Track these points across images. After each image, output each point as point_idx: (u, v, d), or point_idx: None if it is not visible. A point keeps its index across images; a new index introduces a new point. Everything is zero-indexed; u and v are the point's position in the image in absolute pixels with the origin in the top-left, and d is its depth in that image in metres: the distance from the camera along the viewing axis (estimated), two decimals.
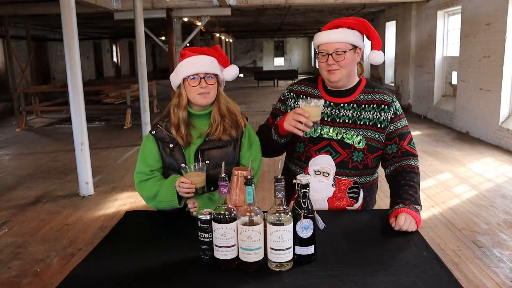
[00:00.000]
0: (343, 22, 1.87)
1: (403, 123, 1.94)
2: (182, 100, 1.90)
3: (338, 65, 1.84)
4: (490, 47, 7.40)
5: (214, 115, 1.92)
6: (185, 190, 1.75)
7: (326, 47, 1.86)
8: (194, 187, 1.75)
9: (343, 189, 1.93)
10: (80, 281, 1.41)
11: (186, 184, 1.75)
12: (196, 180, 1.76)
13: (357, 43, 1.87)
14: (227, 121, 1.92)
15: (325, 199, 1.94)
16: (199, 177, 1.76)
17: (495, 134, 7.35)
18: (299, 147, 1.96)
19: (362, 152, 1.90)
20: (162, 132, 1.93)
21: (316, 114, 1.74)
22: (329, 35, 1.86)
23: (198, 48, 1.96)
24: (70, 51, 5.05)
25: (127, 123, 10.27)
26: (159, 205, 1.89)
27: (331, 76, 1.86)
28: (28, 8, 9.78)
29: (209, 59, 1.90)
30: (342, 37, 1.84)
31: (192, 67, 1.87)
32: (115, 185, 5.69)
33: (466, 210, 4.49)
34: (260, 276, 1.39)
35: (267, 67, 32.01)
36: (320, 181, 1.93)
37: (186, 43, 10.77)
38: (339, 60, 1.84)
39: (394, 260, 1.48)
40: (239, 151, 1.95)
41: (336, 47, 1.84)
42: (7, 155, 7.67)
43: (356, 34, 1.87)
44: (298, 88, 2.03)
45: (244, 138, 1.96)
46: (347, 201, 1.95)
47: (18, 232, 4.25)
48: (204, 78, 1.86)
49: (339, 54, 1.84)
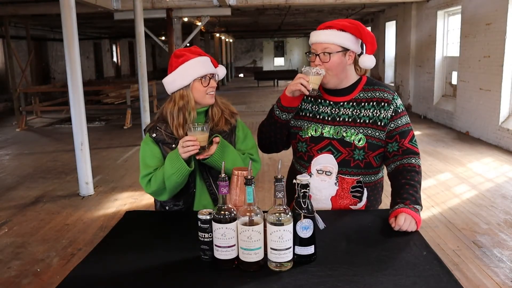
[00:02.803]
0: (336, 24, 1.87)
1: (404, 120, 1.92)
2: (191, 101, 1.89)
3: (324, 66, 1.85)
4: (490, 47, 7.40)
5: (214, 110, 1.97)
6: (191, 148, 1.76)
7: (315, 47, 1.88)
8: (199, 144, 1.77)
9: (346, 188, 1.92)
10: (80, 281, 1.41)
11: (190, 142, 1.76)
12: (200, 137, 1.78)
13: (348, 46, 1.86)
14: (226, 113, 2.00)
15: (328, 198, 1.94)
16: (203, 135, 1.79)
17: (495, 134, 7.35)
18: (301, 146, 1.96)
19: (363, 150, 1.89)
20: (162, 134, 1.93)
21: (316, 82, 1.80)
22: (319, 35, 1.88)
23: (192, 49, 1.98)
24: (70, 51, 5.05)
25: (127, 123, 10.27)
26: (170, 182, 1.84)
27: None
28: (28, 8, 9.79)
29: (208, 59, 1.96)
30: (331, 38, 1.85)
31: (204, 68, 1.90)
32: (115, 185, 5.69)
33: (466, 210, 4.49)
34: (260, 276, 1.39)
35: (267, 67, 32.01)
36: (322, 180, 1.93)
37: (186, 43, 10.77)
38: (324, 61, 1.85)
39: (394, 260, 1.48)
40: (235, 143, 2.00)
41: (324, 47, 1.85)
42: (7, 155, 7.67)
43: (348, 37, 1.85)
44: None
45: (238, 130, 2.03)
46: (351, 200, 1.94)
47: (18, 232, 4.25)
48: (213, 78, 1.93)
49: (325, 55, 1.85)
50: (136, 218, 1.96)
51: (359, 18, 16.54)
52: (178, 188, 1.89)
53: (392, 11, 12.56)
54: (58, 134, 9.53)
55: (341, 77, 1.90)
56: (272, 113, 1.98)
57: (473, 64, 8.05)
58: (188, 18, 10.94)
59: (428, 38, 10.19)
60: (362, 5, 11.61)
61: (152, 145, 1.94)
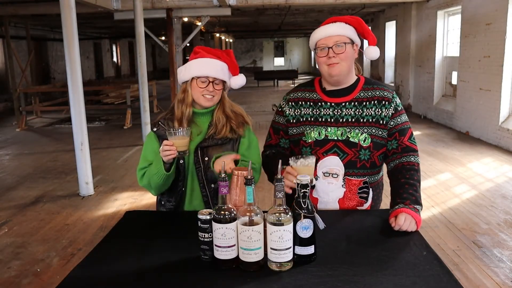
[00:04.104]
0: (340, 18, 1.89)
1: (403, 118, 1.93)
2: (188, 97, 1.93)
3: (339, 58, 1.84)
4: (490, 47, 7.40)
5: (218, 116, 1.95)
6: (167, 153, 1.76)
7: (325, 41, 1.86)
8: (175, 149, 1.77)
9: (353, 189, 1.92)
10: (80, 281, 1.41)
11: (167, 146, 1.76)
12: (178, 142, 1.77)
13: (354, 38, 1.89)
14: (233, 122, 1.95)
15: (336, 200, 1.93)
16: (182, 140, 1.78)
17: (495, 134, 7.35)
18: (305, 152, 1.94)
19: (368, 150, 1.89)
20: (163, 130, 1.95)
21: (309, 172, 1.67)
22: (327, 29, 1.87)
23: (213, 50, 1.97)
24: (70, 51, 5.05)
25: (127, 123, 10.27)
26: (153, 181, 1.88)
27: (332, 70, 1.85)
28: (28, 8, 9.78)
29: (221, 64, 1.92)
30: (341, 30, 1.86)
31: (203, 69, 1.90)
32: (115, 185, 5.69)
33: (466, 210, 4.49)
34: (260, 276, 1.39)
35: (267, 67, 32.01)
36: (329, 183, 1.91)
37: (186, 43, 10.78)
38: (339, 52, 1.84)
39: (394, 260, 1.48)
40: (238, 149, 1.97)
41: (336, 40, 1.84)
42: (7, 155, 7.67)
43: (353, 30, 1.89)
44: (294, 95, 2.01)
45: (243, 137, 1.98)
46: (358, 201, 1.94)
47: (18, 232, 4.25)
48: (213, 83, 1.90)
49: (340, 46, 1.84)
50: (136, 218, 1.96)
51: None
52: (163, 187, 1.92)
53: (392, 11, 12.56)
54: (58, 134, 9.53)
55: (351, 70, 1.92)
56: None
57: (473, 64, 8.05)
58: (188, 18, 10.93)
59: (428, 38, 10.19)
60: (362, 5, 11.61)
61: (153, 140, 1.98)
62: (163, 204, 2.04)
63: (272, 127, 2.07)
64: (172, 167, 1.85)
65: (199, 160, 1.93)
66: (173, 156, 1.78)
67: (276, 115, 2.06)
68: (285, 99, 2.03)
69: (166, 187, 1.93)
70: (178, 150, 1.77)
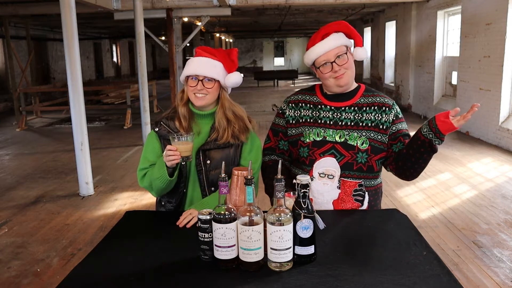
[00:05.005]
0: (328, 30, 1.91)
1: (405, 126, 1.99)
2: (184, 96, 1.96)
3: (344, 68, 1.88)
4: (490, 47, 7.40)
5: (219, 119, 1.93)
6: (171, 158, 1.75)
7: (326, 57, 1.88)
8: (179, 154, 1.76)
9: (348, 191, 1.93)
10: (80, 281, 1.41)
11: (171, 152, 1.75)
12: (181, 147, 1.76)
13: (348, 44, 1.92)
14: (235, 126, 1.93)
15: (330, 201, 1.94)
16: (186, 146, 1.77)
17: (495, 134, 7.35)
18: (303, 152, 1.96)
19: (366, 153, 1.91)
20: (165, 130, 1.95)
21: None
22: (324, 45, 1.89)
23: (210, 49, 1.97)
24: (70, 51, 5.05)
25: (127, 123, 10.27)
26: (155, 184, 1.88)
27: (340, 81, 1.89)
28: (28, 8, 9.78)
29: (213, 62, 1.90)
30: (337, 42, 1.89)
31: (192, 68, 1.90)
32: (115, 185, 5.69)
33: (466, 210, 4.49)
34: (260, 276, 1.39)
35: (267, 67, 31.99)
36: (325, 184, 1.92)
37: (186, 43, 10.77)
38: (343, 63, 1.87)
39: (394, 260, 1.48)
40: (240, 153, 1.96)
41: (336, 53, 1.87)
42: (7, 155, 7.67)
43: (344, 36, 1.92)
44: (295, 97, 2.04)
45: (246, 144, 1.98)
46: (353, 204, 1.94)
47: (18, 232, 4.25)
48: (202, 81, 1.88)
49: (342, 57, 1.87)
50: (136, 218, 1.96)
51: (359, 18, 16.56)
52: (165, 190, 1.92)
53: (392, 11, 12.56)
54: (58, 134, 9.52)
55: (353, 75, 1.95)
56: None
57: (473, 64, 8.05)
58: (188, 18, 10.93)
59: (428, 38, 10.19)
60: (362, 5, 11.61)
61: (154, 139, 1.97)
62: (163, 204, 2.04)
63: (272, 129, 2.09)
64: (175, 172, 1.85)
65: (201, 162, 1.92)
66: (177, 161, 1.78)
67: (276, 118, 2.08)
68: (286, 101, 2.06)
69: (168, 190, 1.93)
70: (181, 155, 1.76)
